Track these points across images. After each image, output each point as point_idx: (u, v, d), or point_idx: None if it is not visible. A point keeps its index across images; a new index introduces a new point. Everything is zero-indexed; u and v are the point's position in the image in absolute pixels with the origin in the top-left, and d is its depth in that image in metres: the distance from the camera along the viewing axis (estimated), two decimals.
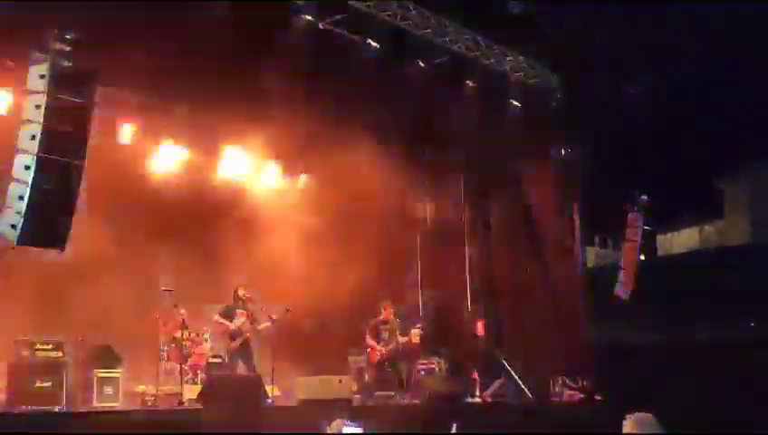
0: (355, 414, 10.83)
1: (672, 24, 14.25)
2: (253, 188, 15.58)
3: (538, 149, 16.86)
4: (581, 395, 15.03)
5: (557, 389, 15.57)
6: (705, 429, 12.73)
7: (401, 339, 13.65)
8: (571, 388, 15.39)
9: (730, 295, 16.61)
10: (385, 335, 13.73)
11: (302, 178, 16.48)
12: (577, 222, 16.37)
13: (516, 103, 16.40)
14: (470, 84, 15.67)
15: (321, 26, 13.62)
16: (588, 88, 15.96)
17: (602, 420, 12.09)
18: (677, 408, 13.77)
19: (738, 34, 14.31)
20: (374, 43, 14.09)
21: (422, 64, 14.95)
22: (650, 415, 5.34)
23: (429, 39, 14.79)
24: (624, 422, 5.30)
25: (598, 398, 14.74)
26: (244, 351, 12.75)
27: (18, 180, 9.17)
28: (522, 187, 17.23)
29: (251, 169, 15.51)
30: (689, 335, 16.58)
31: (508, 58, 15.96)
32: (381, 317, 13.86)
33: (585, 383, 15.26)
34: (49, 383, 11.00)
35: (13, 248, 9.38)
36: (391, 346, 13.60)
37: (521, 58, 16.06)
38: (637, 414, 5.32)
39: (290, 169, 16.18)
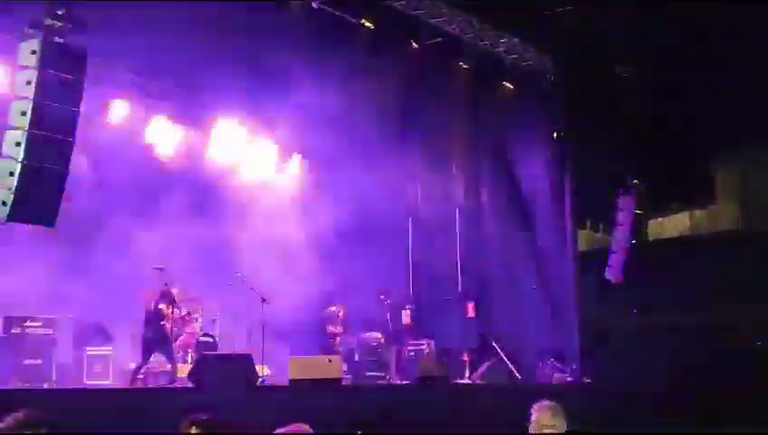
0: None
1: (663, 6, 14.21)
2: (246, 167, 15.54)
3: (531, 132, 16.84)
4: (570, 377, 15.13)
5: (546, 371, 15.66)
6: (691, 411, 12.84)
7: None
8: (559, 370, 15.48)
9: (720, 280, 16.66)
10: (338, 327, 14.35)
11: (295, 157, 16.43)
12: (569, 205, 16.38)
13: (510, 85, 16.38)
14: (464, 66, 15.63)
15: (314, 6, 13.55)
16: (581, 71, 15.93)
17: (590, 403, 12.17)
18: (664, 390, 13.93)
19: (729, 18, 14.28)
20: (368, 24, 14.04)
21: (416, 45, 14.90)
22: (553, 402, 5.34)
23: (423, 20, 14.73)
24: (532, 410, 5.30)
25: (586, 380, 14.83)
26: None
27: (8, 157, 9.12)
28: (514, 169, 17.22)
29: (244, 146, 15.47)
30: (679, 319, 16.65)
31: (502, 40, 15.91)
32: (333, 309, 14.42)
33: (574, 366, 15.35)
34: (39, 360, 11.02)
35: (3, 224, 9.34)
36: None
37: (515, 40, 16.01)
38: (540, 403, 5.32)
39: (283, 148, 16.14)
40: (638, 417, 12.12)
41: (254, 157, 15.70)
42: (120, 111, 13.73)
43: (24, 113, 9.11)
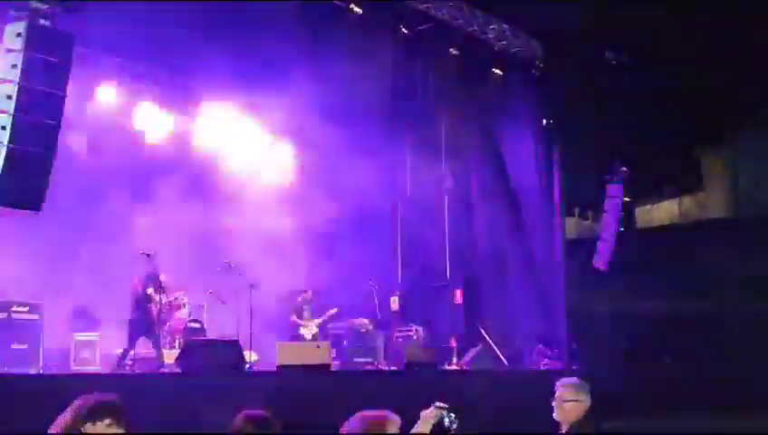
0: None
1: None
2: (235, 153, 15.45)
3: (519, 119, 16.83)
4: (558, 364, 15.18)
5: (533, 357, 15.73)
6: (678, 398, 12.92)
7: (315, 320, 14.20)
8: (547, 356, 15.55)
9: (709, 268, 16.75)
10: (306, 315, 14.16)
11: (284, 143, 16.33)
12: (558, 192, 16.40)
13: (498, 72, 16.36)
14: (453, 52, 15.60)
15: None
16: (570, 57, 15.93)
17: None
18: (653, 377, 14.01)
19: (715, 5, 14.31)
20: (357, 9, 13.98)
21: (405, 31, 14.85)
22: (576, 378, 5.46)
23: (412, 5, 14.68)
24: (557, 387, 5.41)
25: (573, 367, 14.88)
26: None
27: None
28: (503, 156, 17.22)
29: (233, 132, 15.37)
30: (666, 307, 16.73)
31: (491, 26, 15.88)
32: (305, 297, 14.26)
33: (561, 352, 15.41)
34: (25, 346, 10.96)
35: None
36: (314, 324, 14.15)
37: (504, 26, 15.99)
38: (564, 379, 5.44)
39: (272, 134, 16.06)
40: (625, 404, 12.17)
41: (242, 143, 15.60)
42: (107, 95, 13.61)
43: (9, 97, 9.01)
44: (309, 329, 14.03)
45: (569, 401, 5.34)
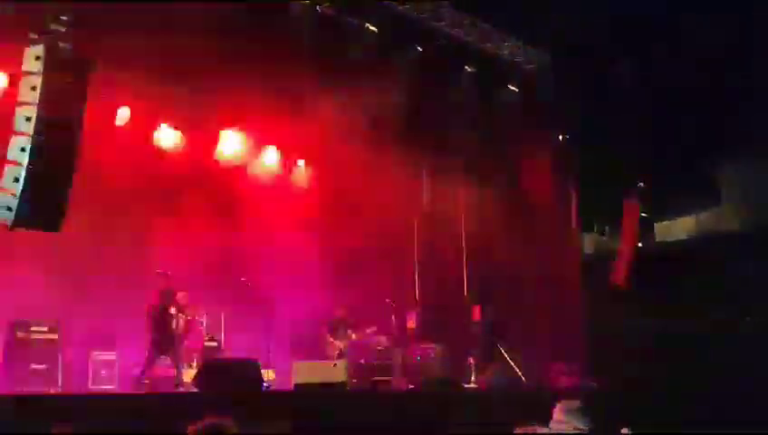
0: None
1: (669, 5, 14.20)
2: (252, 173, 15.52)
3: (536, 135, 16.82)
4: (576, 380, 15.07)
5: (552, 374, 15.62)
6: (694, 413, 12.79)
7: (353, 335, 14.10)
8: (566, 374, 15.44)
9: (726, 282, 16.61)
10: (341, 331, 14.06)
11: (300, 164, 16.41)
12: (575, 208, 16.36)
13: (514, 88, 16.37)
14: (468, 69, 15.63)
15: (319, 10, 13.58)
16: (586, 73, 15.92)
17: (596, 406, 12.11)
18: (672, 394, 13.88)
19: (736, 18, 14.26)
20: (372, 28, 14.05)
21: (420, 49, 14.91)
22: (577, 401, 5.39)
23: (427, 24, 14.74)
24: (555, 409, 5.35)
25: (591, 383, 14.78)
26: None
27: (14, 162, 9.13)
28: (520, 172, 17.20)
29: (249, 153, 15.45)
30: (686, 323, 16.59)
31: (506, 43, 15.91)
32: (339, 315, 14.18)
33: (580, 369, 15.31)
34: (44, 365, 11.03)
35: (9, 230, 9.34)
36: (346, 342, 14.00)
37: (519, 43, 16.02)
38: (565, 401, 5.37)
39: (287, 154, 16.13)
40: (643, 421, 12.05)
41: (259, 163, 15.68)
42: (125, 116, 13.71)
43: (28, 119, 9.13)
44: (337, 345, 13.92)
45: (567, 427, 5.25)
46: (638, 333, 16.70)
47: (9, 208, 9.08)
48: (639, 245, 17.56)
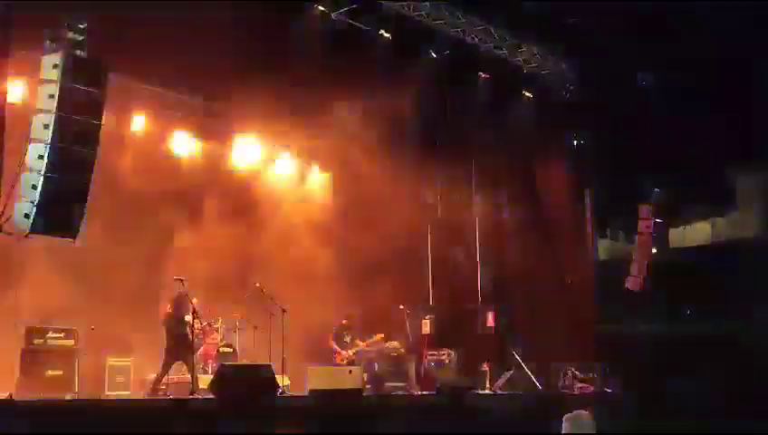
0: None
1: (687, 11, 14.15)
2: (267, 180, 15.58)
3: (551, 141, 16.80)
4: (591, 387, 15.03)
5: (567, 381, 15.57)
6: (710, 421, 12.72)
7: (360, 343, 14.02)
8: (581, 380, 15.39)
9: (742, 288, 16.53)
10: (347, 340, 13.99)
11: (315, 169, 16.46)
12: (590, 213, 16.32)
13: (529, 94, 16.36)
14: (483, 75, 15.64)
15: (333, 17, 13.62)
16: (601, 79, 15.90)
17: (611, 412, 12.08)
18: (687, 400, 13.81)
19: (754, 25, 14.21)
20: (387, 34, 14.08)
21: (434, 55, 14.92)
22: (587, 413, 5.37)
23: (442, 30, 14.76)
24: (563, 422, 5.34)
25: (607, 390, 14.74)
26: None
27: (31, 170, 9.20)
28: (535, 178, 17.18)
29: (264, 161, 15.51)
30: (701, 328, 16.52)
31: (521, 49, 15.91)
32: (344, 323, 14.09)
33: (595, 375, 15.26)
34: (61, 371, 11.09)
35: (26, 237, 9.39)
36: (353, 350, 13.89)
37: (534, 49, 16.02)
38: (575, 412, 5.36)
39: (303, 160, 16.18)
40: (658, 427, 12.03)
41: (275, 170, 15.74)
42: (141, 124, 13.79)
43: (46, 126, 9.18)
44: (344, 355, 13.92)
45: None
46: (653, 339, 16.64)
47: (27, 216, 9.13)
48: (654, 250, 17.48)
